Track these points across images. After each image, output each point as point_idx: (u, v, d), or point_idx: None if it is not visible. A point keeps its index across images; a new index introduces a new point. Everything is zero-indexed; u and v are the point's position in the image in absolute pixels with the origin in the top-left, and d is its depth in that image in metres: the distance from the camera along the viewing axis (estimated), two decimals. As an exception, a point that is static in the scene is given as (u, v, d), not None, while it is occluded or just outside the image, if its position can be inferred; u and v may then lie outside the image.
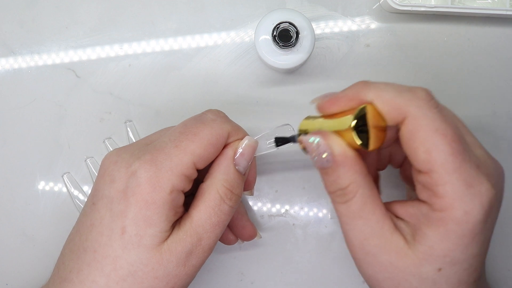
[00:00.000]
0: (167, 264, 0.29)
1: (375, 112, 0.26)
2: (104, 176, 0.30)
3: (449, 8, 0.39)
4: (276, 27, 0.36)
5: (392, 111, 0.26)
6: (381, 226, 0.27)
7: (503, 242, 0.42)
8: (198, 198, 0.31)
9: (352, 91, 0.27)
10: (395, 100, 0.25)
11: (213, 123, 0.31)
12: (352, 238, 0.28)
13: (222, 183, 0.31)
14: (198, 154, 0.30)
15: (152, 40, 0.42)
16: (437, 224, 0.25)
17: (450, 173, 0.24)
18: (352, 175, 0.27)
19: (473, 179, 0.24)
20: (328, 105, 0.28)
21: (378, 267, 0.27)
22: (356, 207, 0.27)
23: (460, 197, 0.24)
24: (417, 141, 0.25)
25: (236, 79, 0.42)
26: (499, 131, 0.42)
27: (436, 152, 0.24)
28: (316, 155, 0.27)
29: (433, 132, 0.24)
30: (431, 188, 0.25)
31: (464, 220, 0.24)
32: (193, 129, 0.30)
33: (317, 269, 0.41)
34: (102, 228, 0.29)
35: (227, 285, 0.42)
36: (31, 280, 0.41)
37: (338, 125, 0.27)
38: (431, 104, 0.25)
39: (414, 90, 0.26)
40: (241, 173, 0.32)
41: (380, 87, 0.26)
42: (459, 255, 0.25)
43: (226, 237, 0.38)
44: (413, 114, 0.25)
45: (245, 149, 0.32)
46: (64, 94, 0.42)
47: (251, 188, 0.35)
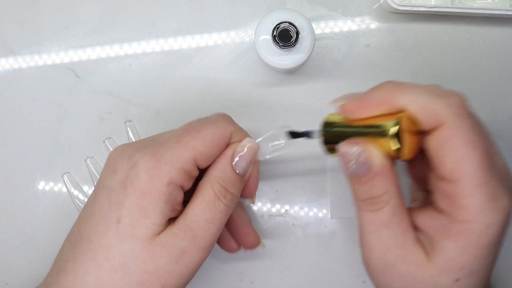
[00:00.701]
0: (159, 258, 0.28)
1: (410, 119, 0.26)
2: (108, 168, 0.31)
3: (449, 8, 0.39)
4: (276, 27, 0.36)
5: (427, 118, 0.25)
6: (405, 237, 0.27)
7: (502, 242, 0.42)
8: (194, 195, 0.31)
9: (381, 94, 0.26)
10: (431, 106, 0.25)
11: (217, 123, 0.31)
12: (375, 247, 0.27)
13: (217, 180, 0.31)
14: (199, 150, 0.30)
15: (152, 40, 0.42)
16: (457, 236, 0.25)
17: (476, 187, 0.24)
18: (388, 185, 0.26)
19: (496, 193, 0.24)
20: (356, 109, 0.27)
21: (396, 277, 0.27)
22: (385, 217, 0.27)
23: (483, 211, 0.24)
24: (448, 149, 0.24)
25: (236, 79, 0.42)
26: (499, 131, 0.42)
27: (466, 164, 0.24)
28: (354, 164, 0.27)
29: (466, 143, 0.24)
30: (453, 198, 0.25)
31: (485, 233, 0.24)
32: (197, 127, 0.31)
33: (317, 269, 0.41)
34: (100, 217, 0.29)
35: (227, 285, 0.42)
36: (31, 280, 0.41)
37: (373, 131, 0.26)
38: (467, 112, 0.25)
39: (449, 95, 0.25)
40: (239, 174, 0.32)
41: (413, 91, 0.25)
42: (477, 267, 0.25)
43: (228, 244, 0.38)
44: (450, 122, 0.24)
45: (242, 149, 0.32)
46: (64, 94, 0.42)
47: (252, 196, 0.35)
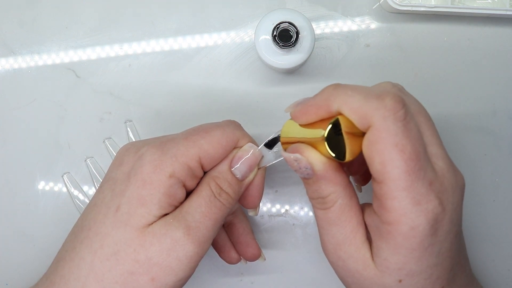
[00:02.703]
0: (149, 246, 0.28)
1: (348, 121, 0.26)
2: (115, 161, 0.31)
3: (449, 8, 0.39)
4: (276, 27, 0.36)
5: (358, 120, 0.25)
6: (354, 234, 0.27)
7: (503, 242, 0.42)
8: (192, 193, 0.31)
9: (321, 98, 0.27)
10: (361, 108, 0.25)
11: (226, 127, 0.32)
12: (326, 242, 0.29)
13: (213, 179, 0.31)
14: (205, 149, 0.30)
15: (152, 40, 0.42)
16: (387, 237, 0.25)
17: (399, 190, 0.24)
18: (332, 186, 0.27)
19: (421, 196, 0.24)
20: (300, 115, 0.28)
21: (347, 272, 0.28)
22: (334, 215, 0.28)
23: (406, 213, 0.24)
24: (375, 151, 0.24)
25: (236, 79, 0.42)
26: (499, 131, 0.42)
27: (391, 167, 0.24)
28: (296, 169, 0.28)
29: (392, 147, 0.24)
30: (381, 199, 0.25)
31: (411, 235, 0.24)
32: (206, 129, 0.31)
33: (317, 269, 0.41)
34: (102, 206, 0.29)
35: (227, 285, 0.42)
36: (31, 280, 0.41)
37: (312, 136, 0.27)
38: (397, 116, 0.24)
39: (383, 97, 0.25)
40: (237, 176, 0.32)
41: (348, 93, 0.25)
42: (414, 267, 0.26)
43: (229, 254, 0.38)
44: (376, 124, 0.24)
45: (242, 154, 0.32)
46: (64, 94, 0.42)
47: (255, 206, 0.35)
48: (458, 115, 0.42)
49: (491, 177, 0.42)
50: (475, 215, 0.42)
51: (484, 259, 0.42)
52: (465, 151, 0.42)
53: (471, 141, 0.42)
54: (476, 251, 0.42)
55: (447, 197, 0.25)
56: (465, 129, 0.42)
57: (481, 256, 0.42)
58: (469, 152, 0.42)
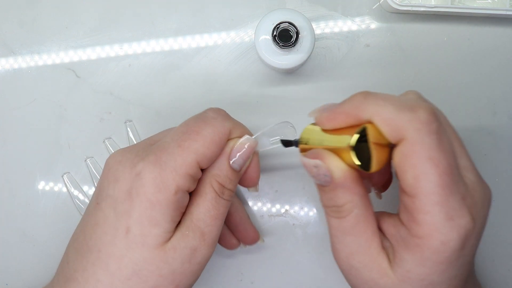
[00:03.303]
0: (172, 261, 0.29)
1: (376, 131, 0.25)
2: (108, 176, 0.30)
3: (449, 8, 0.39)
4: (276, 27, 0.36)
5: (390, 131, 0.25)
6: (369, 245, 0.27)
7: (503, 242, 0.42)
8: (195, 194, 0.31)
9: (351, 105, 0.26)
10: (394, 120, 0.24)
11: (215, 121, 0.31)
12: (340, 251, 0.28)
13: (215, 178, 0.31)
14: (201, 153, 0.30)
15: (152, 40, 0.42)
16: (414, 250, 0.25)
17: (433, 204, 0.24)
18: (349, 196, 0.27)
19: (455, 212, 0.24)
20: (327, 121, 0.27)
21: (361, 281, 0.28)
22: (349, 225, 0.27)
23: (439, 228, 0.24)
24: (408, 164, 0.24)
25: (236, 79, 0.42)
26: (499, 131, 0.42)
27: (425, 181, 0.24)
28: (315, 176, 0.27)
29: (426, 160, 0.24)
30: (412, 212, 0.25)
31: (441, 250, 0.24)
32: (195, 128, 0.30)
33: (317, 269, 0.41)
34: (107, 227, 0.29)
35: (227, 285, 0.42)
36: (31, 280, 0.41)
37: (337, 143, 0.26)
38: (431, 128, 0.24)
39: (416, 109, 0.24)
40: (236, 170, 0.32)
41: (380, 103, 0.25)
42: (437, 279, 0.25)
43: (229, 241, 0.38)
44: (410, 137, 0.24)
45: (240, 147, 0.32)
46: (64, 94, 0.42)
47: (255, 185, 0.35)
48: (458, 115, 0.42)
49: (491, 177, 0.42)
50: (475, 215, 0.42)
51: (484, 259, 0.42)
52: (465, 151, 0.42)
53: (471, 141, 0.42)
54: (476, 251, 0.42)
55: (477, 212, 0.25)
56: (465, 129, 0.42)
57: (481, 256, 0.42)
58: (469, 152, 0.42)
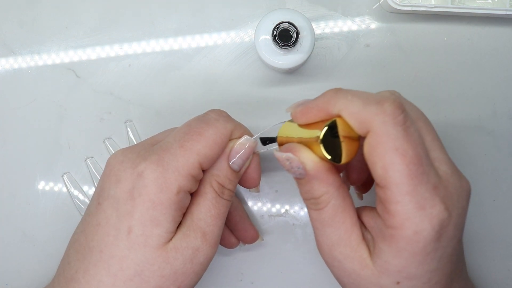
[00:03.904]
0: (174, 261, 0.29)
1: (346, 125, 0.26)
2: (110, 176, 0.30)
3: (449, 8, 0.39)
4: (276, 27, 0.36)
5: (357, 125, 0.25)
6: (349, 235, 0.27)
7: (503, 242, 0.42)
8: (195, 194, 0.31)
9: (322, 100, 0.27)
10: (360, 113, 0.25)
11: (217, 123, 0.31)
12: (321, 243, 0.29)
13: (215, 178, 0.31)
14: (203, 154, 0.30)
15: (152, 40, 0.42)
16: (389, 240, 0.25)
17: (403, 194, 0.24)
18: (325, 187, 0.27)
19: (426, 201, 0.24)
20: (300, 115, 0.28)
21: (343, 272, 0.28)
22: (327, 216, 0.28)
23: (410, 218, 0.24)
24: (376, 156, 0.24)
25: (236, 79, 0.42)
26: (499, 131, 0.42)
27: (392, 171, 0.24)
28: (289, 169, 0.28)
29: (393, 151, 0.24)
30: (384, 203, 0.25)
31: (414, 240, 0.24)
32: (198, 129, 0.31)
33: (317, 269, 0.41)
34: (109, 228, 0.29)
35: (227, 285, 0.42)
36: (31, 280, 0.41)
37: (308, 136, 0.27)
38: (397, 120, 0.24)
39: (382, 102, 0.25)
40: (235, 170, 0.32)
41: (348, 97, 0.26)
42: (414, 271, 0.26)
43: (229, 240, 0.38)
44: (376, 129, 0.24)
45: (240, 148, 0.32)
46: (64, 94, 0.42)
47: (256, 185, 0.35)
48: (458, 115, 0.42)
49: (491, 177, 0.42)
50: (475, 215, 0.42)
51: (484, 259, 0.42)
52: (465, 151, 0.42)
53: (471, 141, 0.42)
54: (476, 251, 0.42)
55: (452, 202, 0.25)
56: (465, 129, 0.42)
57: (481, 256, 0.42)
58: (469, 152, 0.42)
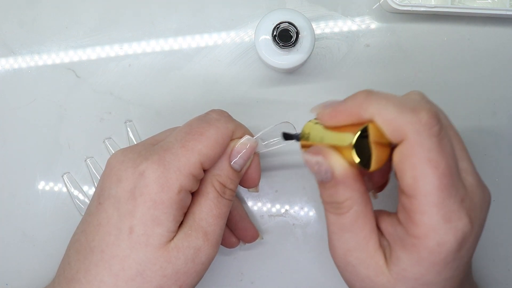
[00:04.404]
0: (176, 261, 0.29)
1: (377, 130, 0.26)
2: (110, 176, 0.30)
3: (449, 8, 0.39)
4: (276, 27, 0.36)
5: (391, 132, 0.25)
6: (367, 242, 0.27)
7: (503, 242, 0.42)
8: (196, 194, 0.31)
9: (353, 104, 0.26)
10: (395, 120, 0.24)
11: (218, 123, 0.32)
12: (337, 247, 0.28)
13: (216, 178, 0.31)
14: (205, 153, 0.30)
15: (152, 40, 0.42)
16: (410, 249, 0.25)
17: (431, 206, 0.24)
18: (350, 192, 0.27)
19: (452, 214, 0.24)
20: (329, 118, 0.27)
21: (356, 278, 0.28)
22: (348, 221, 0.27)
23: (435, 230, 0.24)
24: (407, 165, 0.24)
25: (236, 79, 0.42)
26: (499, 131, 0.42)
27: (423, 182, 0.24)
28: (316, 172, 0.27)
29: (426, 162, 0.24)
30: (410, 212, 0.25)
31: (437, 251, 0.24)
32: (199, 129, 0.31)
33: (317, 269, 0.41)
34: (110, 227, 0.29)
35: (227, 285, 0.42)
36: (31, 280, 0.41)
37: (339, 141, 0.27)
38: (432, 131, 0.24)
39: (418, 111, 0.24)
40: (236, 170, 0.32)
41: (382, 102, 0.25)
42: (432, 279, 0.25)
43: (229, 240, 0.38)
44: (410, 138, 0.24)
45: (241, 148, 0.32)
46: (64, 94, 0.42)
47: (256, 185, 0.35)
48: (458, 115, 0.42)
49: (491, 177, 0.42)
50: (475, 215, 0.42)
51: (484, 259, 0.42)
52: (465, 151, 0.42)
53: (471, 141, 0.42)
54: (476, 251, 0.41)
55: (475, 214, 0.25)
56: (465, 129, 0.42)
57: (481, 256, 0.42)
58: (469, 152, 0.42)
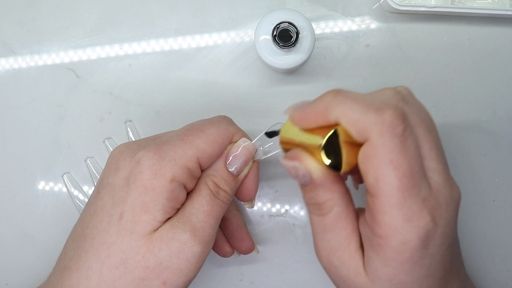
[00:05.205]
0: (158, 252, 0.28)
1: (347, 132, 0.26)
2: (110, 165, 0.31)
3: (449, 8, 0.39)
4: (276, 27, 0.36)
5: (355, 133, 0.25)
6: (348, 242, 0.27)
7: (503, 242, 0.42)
8: (191, 192, 0.31)
9: (320, 105, 0.26)
10: (359, 121, 0.24)
11: (220, 124, 0.32)
12: (320, 247, 0.28)
13: (210, 178, 0.31)
14: (202, 149, 0.30)
15: (152, 40, 0.42)
16: (377, 249, 0.25)
17: (391, 206, 0.24)
18: (329, 194, 0.27)
19: (413, 213, 0.24)
20: (298, 120, 0.27)
21: (339, 278, 0.28)
22: (329, 222, 0.27)
23: (397, 229, 0.24)
24: (369, 165, 0.24)
25: (236, 79, 0.42)
26: (499, 131, 0.42)
27: (384, 183, 0.24)
28: (294, 176, 0.27)
29: (387, 163, 0.24)
30: (373, 212, 0.25)
31: (401, 249, 0.24)
32: (200, 127, 0.31)
33: (317, 269, 0.41)
34: (103, 214, 0.29)
35: (227, 285, 0.42)
36: (31, 280, 0.41)
37: (311, 142, 0.27)
38: (395, 131, 0.24)
39: (382, 111, 0.24)
40: (232, 173, 0.32)
41: (347, 103, 0.25)
42: (405, 278, 0.25)
43: (223, 248, 0.38)
44: (373, 139, 0.24)
45: (237, 149, 0.32)
46: (64, 94, 0.42)
47: (251, 198, 0.35)
48: (458, 115, 0.42)
49: (491, 177, 0.42)
50: (475, 215, 0.42)
51: (484, 259, 0.42)
52: (465, 151, 0.42)
53: (471, 141, 0.42)
54: (476, 251, 0.42)
55: (440, 213, 0.25)
56: (465, 129, 0.42)
57: (481, 256, 0.42)
58: (469, 152, 0.42)
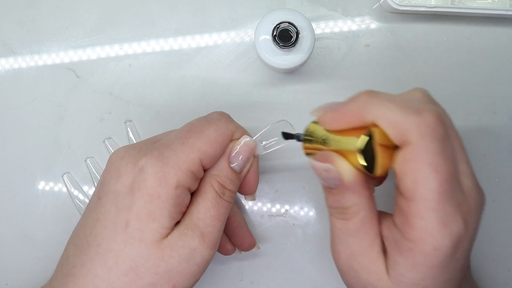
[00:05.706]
0: (169, 260, 0.29)
1: (381, 133, 0.25)
2: (110, 171, 0.30)
3: (449, 8, 0.39)
4: (276, 27, 0.36)
5: (396, 135, 0.24)
6: (371, 247, 0.27)
7: (503, 242, 0.42)
8: (195, 194, 0.31)
9: (355, 106, 0.25)
10: (400, 123, 0.24)
11: (219, 122, 0.32)
12: (341, 252, 0.28)
13: (215, 179, 0.31)
14: (204, 151, 0.30)
15: (152, 40, 0.42)
16: (406, 254, 0.25)
17: (429, 210, 0.23)
18: (357, 198, 0.26)
19: (449, 218, 0.24)
20: (330, 121, 0.27)
21: (358, 283, 0.28)
22: (353, 227, 0.27)
23: (432, 234, 0.24)
24: (409, 168, 0.24)
25: (236, 79, 0.42)
26: (499, 131, 0.42)
27: (423, 187, 0.23)
28: (324, 179, 0.27)
29: (428, 166, 0.23)
30: (407, 216, 0.24)
31: (433, 255, 0.24)
32: (199, 127, 0.31)
33: (317, 269, 0.41)
34: (107, 222, 0.29)
35: (227, 285, 0.42)
36: (31, 280, 0.41)
37: (344, 145, 0.26)
38: (436, 134, 0.24)
39: (423, 113, 0.24)
40: (236, 171, 0.32)
41: (385, 104, 0.24)
42: (430, 283, 0.25)
43: (224, 246, 0.38)
44: (415, 142, 0.23)
45: (240, 148, 0.32)
46: (64, 94, 0.42)
47: (253, 192, 0.35)
48: (458, 115, 0.42)
49: (491, 177, 0.42)
50: (475, 215, 0.42)
51: (484, 259, 0.42)
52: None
53: (471, 141, 0.42)
54: (476, 251, 0.42)
55: (470, 217, 0.25)
56: (465, 129, 0.42)
57: (481, 256, 0.42)
58: (469, 152, 0.42)
